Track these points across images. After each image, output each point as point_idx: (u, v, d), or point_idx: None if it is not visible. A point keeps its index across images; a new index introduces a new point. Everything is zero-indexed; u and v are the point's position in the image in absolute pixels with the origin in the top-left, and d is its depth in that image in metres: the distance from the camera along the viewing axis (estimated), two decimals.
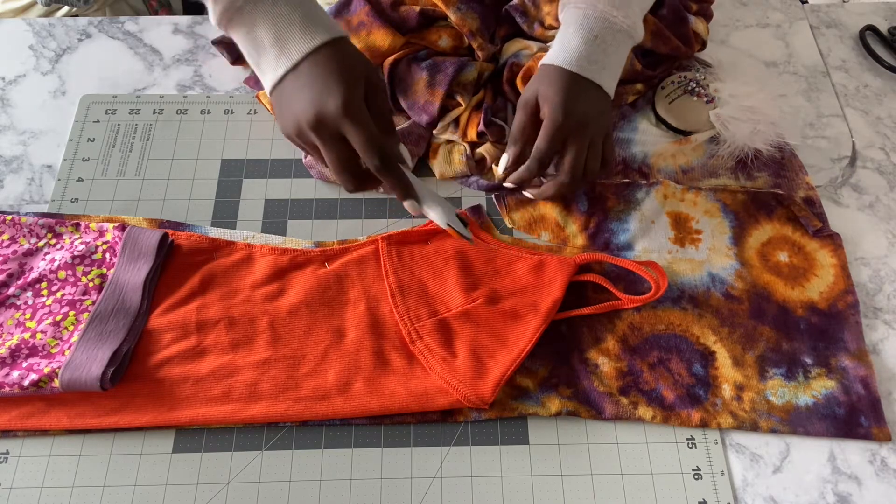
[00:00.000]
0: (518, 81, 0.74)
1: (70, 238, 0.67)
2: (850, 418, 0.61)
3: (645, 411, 0.61)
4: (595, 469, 0.59)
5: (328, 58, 0.58)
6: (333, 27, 0.60)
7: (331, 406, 0.60)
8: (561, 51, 0.66)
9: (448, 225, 0.62)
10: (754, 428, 0.61)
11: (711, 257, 0.69)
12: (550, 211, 0.71)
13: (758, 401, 0.62)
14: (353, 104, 0.57)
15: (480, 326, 0.63)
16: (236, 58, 0.80)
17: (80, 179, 0.72)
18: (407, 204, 0.62)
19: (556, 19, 0.74)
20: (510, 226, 0.70)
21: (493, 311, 0.64)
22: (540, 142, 0.64)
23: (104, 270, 0.65)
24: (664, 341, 0.64)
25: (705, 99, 0.75)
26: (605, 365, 0.63)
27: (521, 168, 0.66)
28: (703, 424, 0.61)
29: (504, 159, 0.67)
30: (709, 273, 0.68)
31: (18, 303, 0.63)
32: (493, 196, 0.72)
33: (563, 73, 0.64)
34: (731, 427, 0.61)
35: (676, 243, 0.70)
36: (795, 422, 0.61)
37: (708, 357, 0.64)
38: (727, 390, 0.62)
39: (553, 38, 0.75)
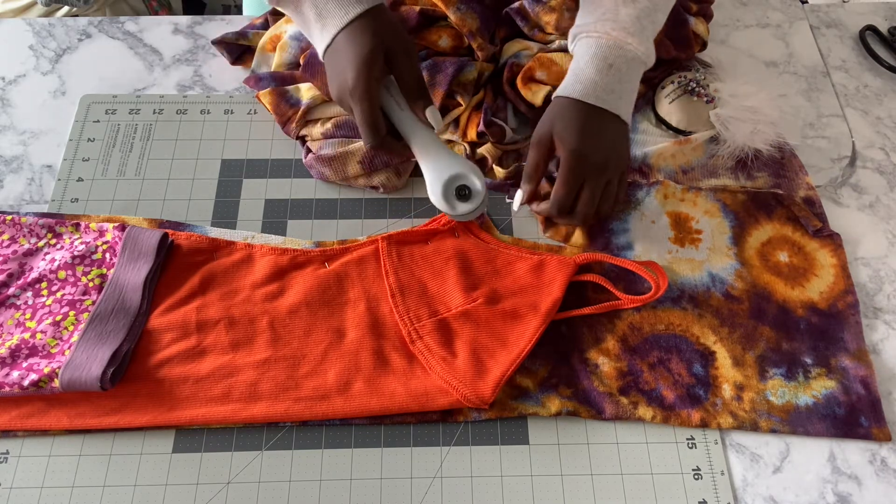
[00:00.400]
0: (518, 81, 0.74)
1: (70, 238, 0.67)
2: (850, 418, 0.61)
3: (645, 411, 0.61)
4: (595, 469, 0.59)
5: (356, 33, 0.60)
6: None
7: (331, 406, 0.60)
8: (575, 82, 0.63)
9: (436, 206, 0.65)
10: (754, 428, 0.61)
11: (711, 257, 0.69)
12: None
13: (758, 401, 0.62)
14: (356, 88, 0.60)
15: (480, 326, 0.63)
16: (236, 58, 0.80)
17: (80, 179, 0.72)
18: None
19: (556, 28, 0.74)
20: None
21: (493, 311, 0.64)
22: (558, 188, 0.63)
23: (104, 270, 0.65)
24: (664, 341, 0.64)
25: (705, 99, 0.75)
26: (605, 365, 0.63)
27: (543, 207, 0.66)
28: (703, 424, 0.61)
29: (518, 196, 0.66)
30: (709, 273, 0.68)
31: (18, 303, 0.63)
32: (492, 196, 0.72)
33: (579, 106, 0.62)
34: (731, 427, 0.61)
35: (676, 243, 0.70)
36: (795, 422, 0.61)
37: (708, 357, 0.64)
38: (727, 390, 0.62)
39: (553, 42, 0.75)
